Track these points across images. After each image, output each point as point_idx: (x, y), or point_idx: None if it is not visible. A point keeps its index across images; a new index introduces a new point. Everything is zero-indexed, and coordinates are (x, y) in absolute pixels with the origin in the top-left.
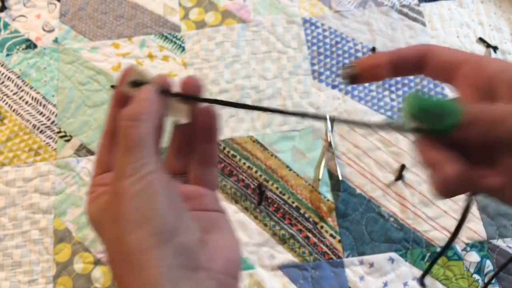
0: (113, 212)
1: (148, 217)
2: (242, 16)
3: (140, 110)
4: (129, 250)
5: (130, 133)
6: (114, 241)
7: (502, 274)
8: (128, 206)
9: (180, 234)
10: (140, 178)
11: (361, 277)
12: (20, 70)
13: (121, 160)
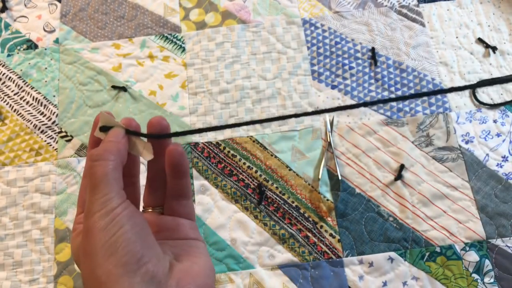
0: (85, 247)
1: (114, 249)
2: (242, 17)
3: (102, 151)
4: (99, 281)
5: (94, 171)
6: (88, 275)
7: (502, 274)
8: (96, 240)
9: (148, 262)
10: (105, 213)
11: (361, 277)
12: (21, 71)
13: (88, 198)
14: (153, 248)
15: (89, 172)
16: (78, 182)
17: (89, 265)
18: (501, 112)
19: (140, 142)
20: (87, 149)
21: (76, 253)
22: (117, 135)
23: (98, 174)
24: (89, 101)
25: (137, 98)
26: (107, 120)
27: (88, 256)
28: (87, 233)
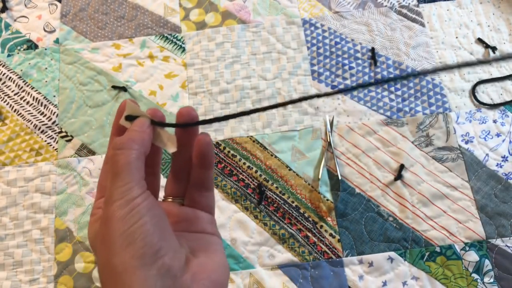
0: (102, 235)
1: (132, 239)
2: (242, 17)
3: (127, 140)
4: (115, 271)
5: (116, 159)
6: (103, 263)
7: (502, 274)
8: (114, 229)
9: (164, 255)
10: (125, 202)
11: (361, 276)
12: (21, 71)
13: (109, 185)
14: (171, 240)
15: (112, 159)
16: (78, 182)
17: (106, 253)
18: (501, 112)
19: (165, 134)
20: (110, 137)
21: (93, 239)
22: (142, 125)
23: (121, 163)
24: (89, 101)
25: (137, 98)
26: (133, 109)
27: (106, 244)
28: (106, 220)
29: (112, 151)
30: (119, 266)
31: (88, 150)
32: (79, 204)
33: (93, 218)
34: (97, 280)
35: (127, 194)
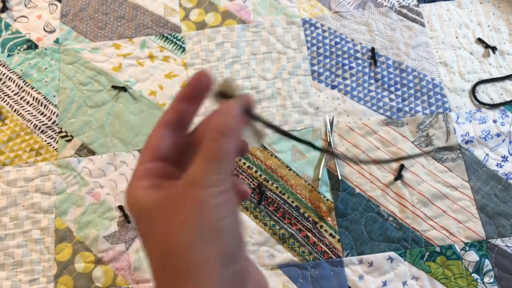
0: (180, 217)
1: (219, 234)
2: (242, 17)
3: (230, 126)
4: (187, 261)
5: (217, 145)
6: (166, 244)
7: (502, 273)
8: (201, 217)
9: (242, 260)
10: (220, 192)
11: (361, 276)
12: (21, 71)
13: (203, 169)
14: (243, 244)
15: (213, 143)
16: (78, 182)
17: (178, 237)
18: (501, 112)
19: (253, 126)
20: (175, 98)
21: (145, 207)
22: (239, 111)
23: (224, 150)
24: (89, 101)
25: (137, 98)
26: (230, 87)
27: (183, 227)
28: (191, 204)
29: (213, 134)
30: (192, 261)
31: (88, 150)
32: (79, 204)
33: (145, 182)
34: (97, 280)
35: (223, 184)
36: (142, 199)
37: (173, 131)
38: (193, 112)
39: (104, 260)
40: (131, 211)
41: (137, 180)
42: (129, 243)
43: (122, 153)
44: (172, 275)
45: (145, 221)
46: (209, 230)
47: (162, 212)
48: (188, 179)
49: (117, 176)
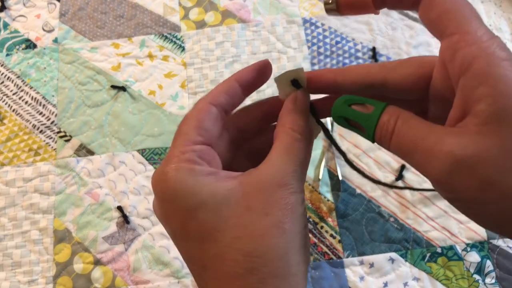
0: (273, 218)
1: (304, 241)
2: (242, 16)
3: (307, 129)
4: (284, 266)
5: (304, 149)
6: (258, 247)
7: (503, 274)
8: (296, 223)
9: (303, 272)
10: (304, 199)
11: (361, 277)
12: (20, 70)
13: (293, 172)
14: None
15: (301, 146)
16: (77, 182)
17: (269, 239)
18: None
19: (312, 120)
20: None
21: (207, 193)
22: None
23: (310, 155)
24: (88, 101)
25: (137, 97)
26: (301, 77)
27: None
28: (284, 206)
29: (301, 137)
30: (291, 264)
31: (87, 150)
32: (78, 205)
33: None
34: (96, 281)
35: (303, 191)
36: (205, 186)
37: (221, 113)
38: (240, 102)
39: (103, 261)
40: (181, 200)
41: (190, 163)
42: (128, 244)
43: (121, 153)
44: (264, 281)
45: (209, 216)
46: (300, 237)
47: (242, 208)
48: (274, 178)
49: (116, 176)
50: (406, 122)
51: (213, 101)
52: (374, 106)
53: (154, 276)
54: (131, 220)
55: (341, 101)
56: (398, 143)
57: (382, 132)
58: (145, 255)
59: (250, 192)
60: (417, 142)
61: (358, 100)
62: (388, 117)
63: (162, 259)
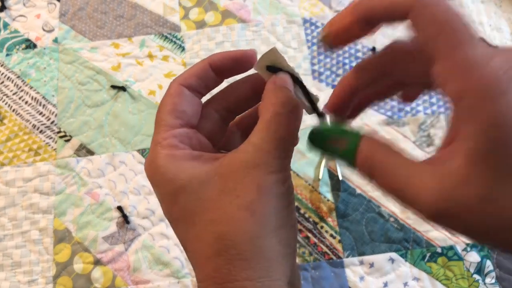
0: (244, 201)
1: (284, 223)
2: (242, 16)
3: (295, 102)
4: (255, 250)
5: (284, 122)
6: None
7: (503, 274)
8: (269, 205)
9: (296, 249)
10: (286, 179)
11: (361, 277)
12: (20, 70)
13: (269, 150)
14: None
15: (280, 118)
16: (77, 182)
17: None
18: None
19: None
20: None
21: (187, 176)
22: (290, 85)
23: (293, 128)
24: (88, 101)
25: (136, 97)
26: (278, 59)
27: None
28: (256, 189)
29: (280, 109)
30: (263, 248)
31: (87, 150)
32: (78, 205)
33: (180, 151)
34: (96, 281)
35: (288, 169)
36: (184, 171)
37: (194, 94)
38: (216, 85)
39: (103, 261)
40: (164, 186)
41: (171, 149)
42: (128, 244)
43: (121, 153)
44: (232, 263)
45: (188, 199)
46: (276, 218)
47: (216, 191)
48: (249, 158)
49: (116, 176)
50: (385, 166)
51: (184, 83)
52: (347, 139)
53: (154, 276)
54: (131, 220)
55: (313, 135)
56: (381, 186)
57: (362, 173)
58: (145, 255)
59: (225, 174)
60: (400, 189)
61: (330, 132)
62: (364, 157)
63: (162, 259)
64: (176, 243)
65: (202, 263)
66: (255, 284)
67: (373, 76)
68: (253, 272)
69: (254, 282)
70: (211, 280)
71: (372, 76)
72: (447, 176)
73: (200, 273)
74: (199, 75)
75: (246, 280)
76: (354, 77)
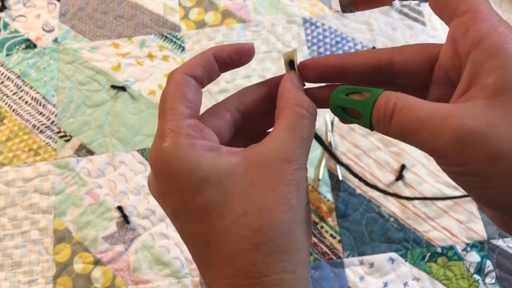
0: (278, 193)
1: (308, 216)
2: (242, 16)
3: (313, 105)
4: (290, 242)
5: (308, 123)
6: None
7: (503, 274)
8: (300, 198)
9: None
10: (306, 176)
11: (361, 277)
12: (20, 70)
13: (297, 147)
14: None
15: (304, 120)
16: (77, 182)
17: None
18: None
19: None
20: (207, 54)
21: (211, 168)
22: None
23: (313, 129)
24: (88, 101)
25: (136, 97)
26: (293, 57)
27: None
28: (288, 182)
29: (303, 111)
30: (297, 239)
31: (87, 150)
32: (78, 205)
33: (200, 142)
34: (96, 281)
35: (307, 166)
36: (207, 162)
37: (198, 85)
38: (216, 77)
39: (103, 261)
40: (184, 176)
41: (189, 138)
42: (128, 244)
43: (121, 153)
44: (270, 256)
45: (214, 192)
46: (305, 212)
47: (247, 184)
48: (279, 154)
49: (116, 176)
50: (407, 102)
51: (189, 72)
52: (370, 92)
53: (154, 276)
54: (131, 220)
55: (338, 91)
56: (400, 123)
57: (380, 115)
58: (145, 255)
59: (254, 167)
60: (424, 119)
61: (355, 89)
62: (386, 99)
63: (162, 259)
64: (176, 243)
65: (233, 257)
66: (293, 276)
67: (367, 70)
68: (290, 264)
69: (292, 274)
70: (244, 275)
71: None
72: (473, 104)
73: (228, 269)
74: (205, 65)
75: (284, 272)
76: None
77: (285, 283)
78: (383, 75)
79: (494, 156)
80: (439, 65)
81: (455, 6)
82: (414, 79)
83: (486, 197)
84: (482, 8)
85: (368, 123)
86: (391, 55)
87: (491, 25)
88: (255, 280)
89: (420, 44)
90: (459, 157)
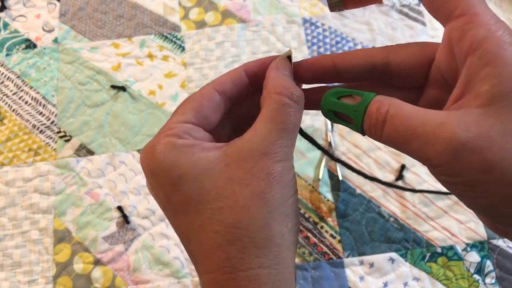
0: (254, 188)
1: (291, 210)
2: (242, 16)
3: (299, 92)
4: (267, 236)
5: (289, 112)
6: (239, 217)
7: (503, 274)
8: (279, 192)
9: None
10: (291, 167)
11: (361, 277)
12: (20, 70)
13: (275, 139)
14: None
15: (285, 109)
16: (77, 182)
17: (251, 210)
18: None
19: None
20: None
21: (190, 164)
22: (291, 71)
23: (295, 121)
24: (88, 101)
25: (136, 97)
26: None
27: (257, 200)
28: (265, 176)
29: (284, 99)
30: (274, 234)
31: (87, 150)
32: (78, 205)
33: (184, 141)
34: (96, 281)
35: (291, 157)
36: (184, 159)
37: (224, 102)
38: (247, 93)
39: (103, 261)
40: (163, 174)
41: (172, 137)
42: (128, 244)
43: (121, 153)
44: (245, 251)
45: (191, 188)
46: (285, 206)
47: (223, 180)
48: (257, 147)
49: (116, 176)
50: (400, 109)
51: (218, 88)
52: (362, 96)
53: (154, 276)
54: (131, 220)
55: (330, 94)
56: (392, 131)
57: (372, 122)
58: (145, 255)
59: (232, 162)
60: (416, 128)
61: (347, 92)
62: (377, 106)
63: (162, 259)
64: (176, 243)
65: (211, 252)
66: (270, 271)
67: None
68: (266, 259)
69: (268, 270)
70: (221, 270)
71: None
72: (467, 113)
73: (208, 263)
74: (234, 81)
75: (260, 267)
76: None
77: (262, 278)
78: (378, 75)
79: (487, 167)
80: (435, 66)
81: (451, 8)
82: (410, 79)
83: (479, 206)
84: (479, 10)
85: (359, 129)
86: (386, 55)
87: (488, 29)
88: (232, 275)
89: (416, 43)
90: (452, 167)
